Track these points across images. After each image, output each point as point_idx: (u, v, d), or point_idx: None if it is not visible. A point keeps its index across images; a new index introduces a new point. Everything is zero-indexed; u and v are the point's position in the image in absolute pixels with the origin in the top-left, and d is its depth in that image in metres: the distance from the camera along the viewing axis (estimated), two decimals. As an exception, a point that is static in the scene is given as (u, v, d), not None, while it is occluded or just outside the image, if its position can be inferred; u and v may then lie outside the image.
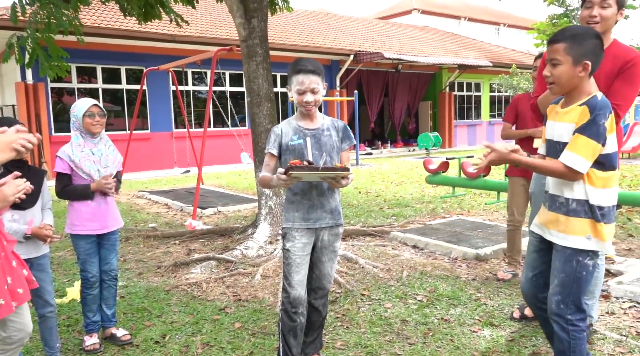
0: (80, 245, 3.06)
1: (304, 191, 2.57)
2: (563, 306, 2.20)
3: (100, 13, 12.52)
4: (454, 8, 36.22)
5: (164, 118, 13.90)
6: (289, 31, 17.03)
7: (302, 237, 2.58)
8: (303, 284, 2.58)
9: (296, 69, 2.50)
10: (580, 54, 2.11)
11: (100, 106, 3.06)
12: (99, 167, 3.04)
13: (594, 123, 2.07)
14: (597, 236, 2.16)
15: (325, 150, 2.57)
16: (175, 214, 7.51)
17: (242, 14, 5.10)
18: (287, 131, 2.59)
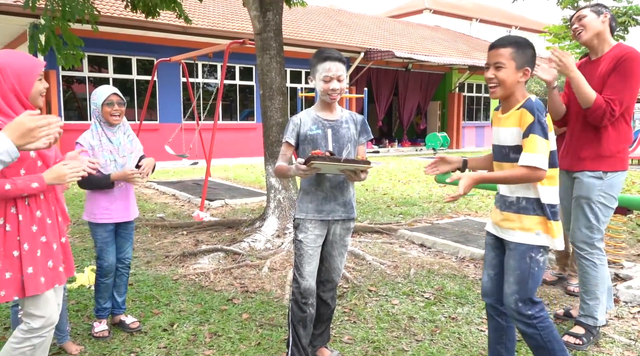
0: (98, 233, 3.05)
1: (319, 182, 2.56)
2: (521, 304, 2.23)
3: (113, 3, 12.55)
4: (466, 9, 36.07)
5: (173, 110, 13.92)
6: (300, 27, 17.01)
7: (315, 229, 2.58)
8: (314, 275, 2.59)
9: (323, 56, 2.49)
10: (523, 60, 2.24)
11: (120, 95, 3.01)
12: (115, 157, 3.00)
13: (538, 122, 2.16)
14: (547, 232, 2.24)
15: (343, 142, 2.57)
16: (182, 205, 7.54)
17: (258, 7, 5.09)
18: (306, 121, 2.58)
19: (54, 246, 2.16)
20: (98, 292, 3.15)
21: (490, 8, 39.52)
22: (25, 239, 2.05)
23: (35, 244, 2.08)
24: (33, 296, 2.07)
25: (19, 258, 2.04)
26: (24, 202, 2.06)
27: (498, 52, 2.23)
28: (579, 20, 3.05)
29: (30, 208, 2.08)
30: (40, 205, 2.12)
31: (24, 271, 2.04)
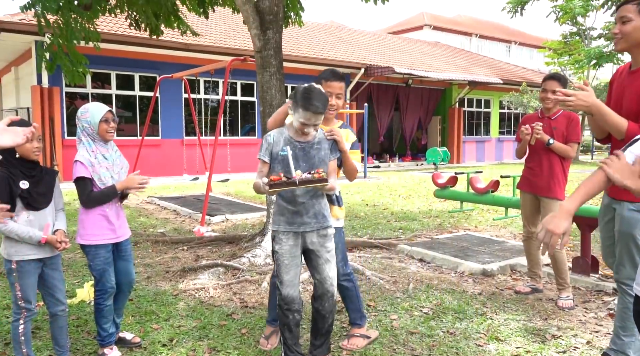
0: (100, 255, 2.94)
1: (288, 197, 2.71)
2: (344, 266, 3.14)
3: (116, 20, 12.72)
4: (465, 25, 36.45)
5: (175, 125, 14.03)
6: (301, 43, 17.20)
7: (288, 239, 2.72)
8: (293, 283, 2.73)
9: (307, 107, 2.53)
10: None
11: (113, 112, 3.01)
12: (112, 173, 2.97)
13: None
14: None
15: (313, 163, 2.68)
16: (183, 221, 7.57)
17: (258, 26, 5.19)
18: (278, 141, 2.70)
19: None
20: (102, 318, 3.01)
21: (490, 24, 39.92)
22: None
23: None
24: None
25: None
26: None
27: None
28: (622, 24, 2.58)
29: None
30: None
31: None
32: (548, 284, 4.36)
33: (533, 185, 3.99)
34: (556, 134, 3.86)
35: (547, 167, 3.88)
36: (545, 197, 3.91)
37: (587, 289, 4.27)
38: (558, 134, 3.86)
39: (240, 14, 5.42)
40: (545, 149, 3.86)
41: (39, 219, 2.73)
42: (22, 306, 2.73)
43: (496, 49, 37.09)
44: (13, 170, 2.62)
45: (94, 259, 2.95)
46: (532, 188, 4.01)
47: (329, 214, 2.80)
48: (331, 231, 2.80)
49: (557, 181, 3.86)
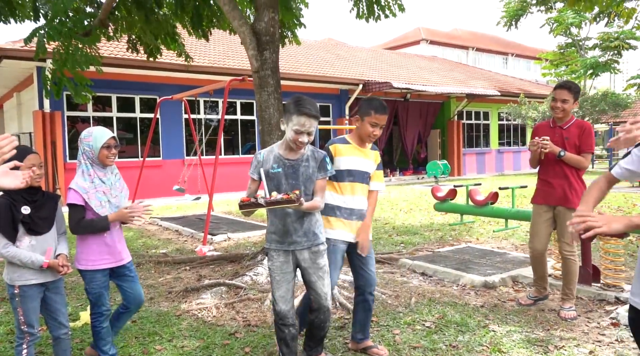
0: (96, 279, 2.94)
1: (279, 216, 2.78)
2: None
3: (116, 44, 12.89)
4: (461, 38, 36.77)
5: (176, 146, 14.13)
6: (299, 61, 17.38)
7: (279, 256, 2.81)
8: (286, 299, 2.79)
9: (300, 110, 2.63)
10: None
11: (116, 138, 3.01)
12: (109, 197, 2.95)
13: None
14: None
15: (302, 180, 2.75)
16: (185, 241, 7.59)
17: (255, 46, 5.27)
18: (268, 159, 2.78)
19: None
20: (102, 340, 3.02)
21: (486, 36, 40.27)
22: None
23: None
24: None
25: None
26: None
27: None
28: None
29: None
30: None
31: None
32: (550, 294, 4.36)
33: (548, 196, 3.92)
34: (568, 145, 3.80)
35: (562, 177, 3.83)
36: (562, 206, 3.84)
37: (589, 299, 4.27)
38: (570, 144, 3.80)
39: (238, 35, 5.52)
40: (558, 160, 3.82)
41: (41, 243, 2.76)
42: (25, 331, 2.75)
43: (493, 61, 37.36)
44: (15, 196, 2.66)
45: (90, 283, 2.96)
46: (547, 199, 3.94)
47: (320, 232, 2.86)
48: (323, 248, 2.86)
49: (574, 190, 3.79)
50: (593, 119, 21.18)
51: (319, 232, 2.85)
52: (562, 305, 3.94)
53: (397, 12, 6.58)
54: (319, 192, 2.80)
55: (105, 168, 2.97)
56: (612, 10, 7.03)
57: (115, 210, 2.96)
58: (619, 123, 26.77)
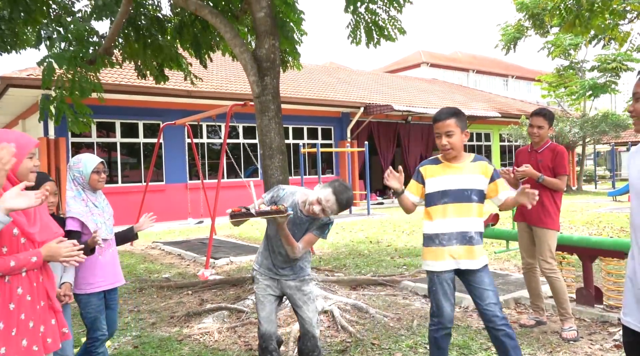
0: (92, 303, 2.98)
1: (273, 248, 2.93)
2: (501, 311, 2.77)
3: (120, 71, 13.13)
4: (462, 61, 37.17)
5: (179, 170, 14.23)
6: (300, 85, 17.60)
7: (265, 279, 2.93)
8: (269, 320, 2.85)
9: (337, 195, 2.74)
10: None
11: (104, 163, 3.13)
12: (104, 220, 3.05)
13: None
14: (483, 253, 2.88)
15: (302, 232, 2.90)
16: (188, 265, 7.60)
17: (256, 72, 5.38)
18: (287, 199, 2.91)
19: (30, 324, 2.08)
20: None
21: (486, 59, 40.69)
22: (1, 319, 1.99)
23: (11, 323, 2.02)
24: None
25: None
26: (3, 280, 2.01)
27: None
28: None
29: (10, 286, 2.03)
30: (21, 282, 2.07)
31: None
32: (553, 316, 4.34)
33: (526, 215, 4.10)
34: (542, 166, 4.01)
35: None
36: (536, 226, 4.03)
37: (592, 321, 4.25)
38: (543, 166, 4.01)
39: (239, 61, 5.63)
40: (535, 185, 3.93)
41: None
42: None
43: (494, 83, 37.68)
44: None
45: (86, 307, 3.00)
46: (525, 218, 4.13)
47: (307, 266, 2.98)
48: (308, 278, 2.98)
49: (546, 212, 3.96)
50: (594, 140, 21.26)
51: (306, 266, 2.98)
52: (562, 326, 3.94)
53: (397, 36, 6.69)
54: (303, 242, 2.88)
55: (95, 193, 3.09)
56: (607, 34, 7.17)
57: (110, 232, 3.08)
58: (620, 144, 26.86)
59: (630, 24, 7.72)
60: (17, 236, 2.06)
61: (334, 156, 17.68)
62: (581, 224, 10.33)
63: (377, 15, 6.47)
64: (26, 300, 2.08)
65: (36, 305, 2.12)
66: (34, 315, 2.11)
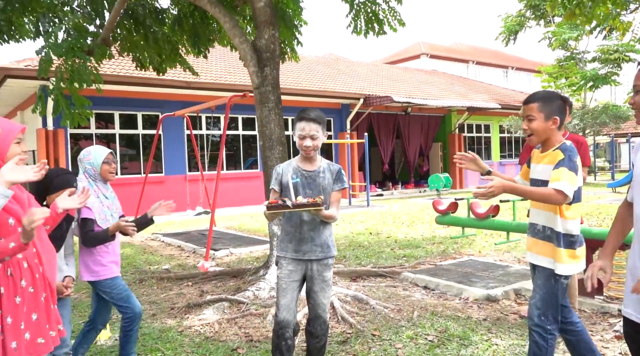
0: (118, 284, 3.11)
1: (296, 225, 2.85)
2: (544, 318, 2.60)
3: (119, 62, 13.05)
4: (462, 52, 37.00)
5: (178, 161, 14.19)
6: (300, 76, 17.52)
7: (289, 265, 2.86)
8: (289, 308, 2.82)
9: (299, 116, 2.81)
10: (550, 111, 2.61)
11: (114, 154, 3.21)
12: (112, 212, 3.15)
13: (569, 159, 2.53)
14: (561, 260, 2.58)
15: (318, 190, 2.84)
16: (188, 256, 7.60)
17: (256, 63, 5.34)
18: (287, 171, 2.88)
19: (33, 317, 2.08)
20: (129, 343, 3.17)
21: (486, 50, 40.50)
22: (8, 313, 1.98)
23: (19, 317, 2.02)
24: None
25: (1, 333, 1.97)
26: (5, 273, 2.00)
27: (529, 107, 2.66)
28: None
29: (13, 279, 2.02)
30: (24, 274, 2.06)
31: (7, 347, 1.96)
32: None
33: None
34: None
35: None
36: None
37: (593, 312, 4.25)
38: None
39: (238, 52, 5.59)
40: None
41: None
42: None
43: (494, 74, 37.52)
44: None
45: (114, 289, 3.10)
46: None
47: (333, 245, 2.93)
48: (332, 262, 2.92)
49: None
50: (594, 131, 21.23)
51: (332, 245, 2.93)
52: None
53: (397, 27, 6.65)
54: (334, 204, 2.89)
55: (106, 184, 3.18)
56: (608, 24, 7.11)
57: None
58: (620, 135, 26.83)
59: (632, 13, 7.67)
60: (13, 226, 2.04)
61: (334, 148, 17.65)
62: (581, 215, 10.33)
63: (377, 5, 6.42)
64: (29, 292, 2.08)
65: (39, 296, 2.11)
66: (37, 308, 2.10)
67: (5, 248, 1.94)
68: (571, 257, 2.60)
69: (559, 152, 2.59)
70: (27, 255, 2.07)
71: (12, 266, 2.01)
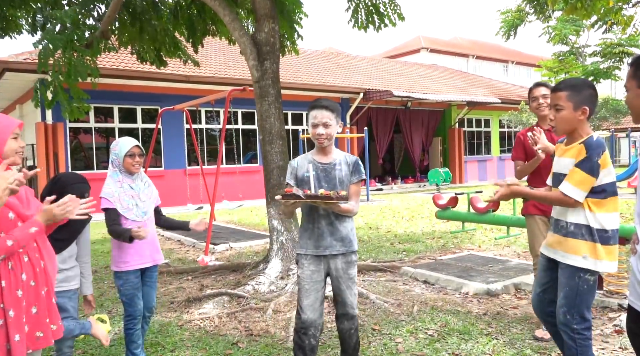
0: (129, 280, 3.11)
1: (315, 219, 2.77)
2: (569, 316, 2.50)
3: (118, 56, 13.00)
4: (462, 46, 36.89)
5: (178, 156, 14.17)
6: (300, 70, 17.46)
7: (310, 264, 2.78)
8: (313, 308, 2.76)
9: (311, 105, 2.78)
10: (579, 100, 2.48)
11: (141, 147, 3.19)
12: (137, 202, 3.15)
13: (589, 160, 2.41)
14: (594, 256, 2.46)
15: (335, 183, 2.77)
16: (188, 251, 7.60)
17: (255, 57, 5.32)
18: (302, 164, 2.83)
19: (33, 311, 2.08)
20: (132, 343, 3.16)
21: (486, 45, 40.37)
22: (10, 306, 1.98)
23: (21, 310, 2.02)
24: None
25: (4, 326, 1.97)
26: (6, 266, 2.00)
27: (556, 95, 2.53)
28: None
29: (14, 272, 2.01)
30: (25, 268, 2.05)
31: (11, 339, 1.96)
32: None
33: (544, 206, 3.61)
34: None
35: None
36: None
37: (592, 306, 4.25)
38: None
39: (238, 45, 5.56)
40: (547, 166, 3.32)
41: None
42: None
43: (493, 69, 37.43)
44: None
45: (124, 284, 3.11)
46: (543, 211, 3.64)
47: (354, 239, 2.86)
48: (355, 258, 2.86)
49: None
50: (594, 126, 21.19)
51: (354, 239, 2.85)
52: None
53: (396, 21, 6.61)
54: (353, 197, 2.81)
55: (132, 175, 3.17)
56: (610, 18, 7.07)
57: (142, 215, 3.15)
58: (619, 130, 26.81)
59: (633, 7, 7.63)
60: (13, 220, 2.03)
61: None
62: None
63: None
64: (30, 286, 2.07)
65: (40, 290, 2.11)
66: (37, 301, 2.09)
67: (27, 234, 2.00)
68: (602, 253, 2.45)
69: (582, 149, 2.44)
70: (28, 249, 2.06)
71: (12, 259, 2.01)
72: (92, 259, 6.93)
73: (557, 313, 2.56)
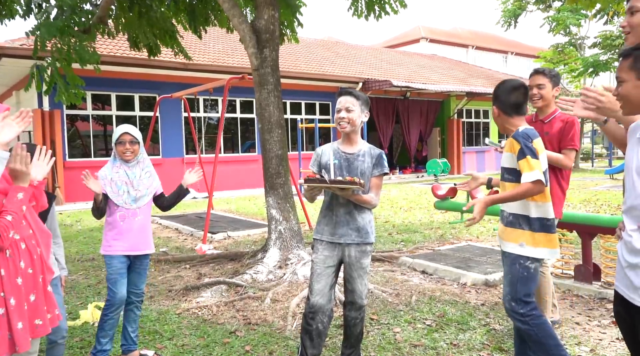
0: (112, 264, 3.10)
1: (334, 207, 2.80)
2: (514, 303, 2.57)
3: (116, 43, 12.88)
4: (461, 37, 36.71)
5: (176, 144, 14.11)
6: (299, 59, 17.36)
7: (324, 250, 2.80)
8: (323, 293, 2.78)
9: (338, 93, 2.84)
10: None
11: (132, 134, 3.10)
12: (129, 189, 3.12)
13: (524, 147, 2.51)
14: (531, 243, 2.56)
15: (356, 173, 2.78)
16: (185, 239, 7.58)
17: (255, 44, 5.26)
18: (327, 152, 2.86)
19: (31, 298, 2.06)
20: (102, 330, 3.10)
21: (486, 35, 40.18)
22: (11, 294, 1.96)
23: (22, 297, 2.00)
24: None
25: (5, 315, 1.95)
26: (4, 255, 1.97)
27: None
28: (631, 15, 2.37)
29: (12, 260, 2.00)
30: (22, 255, 2.04)
31: (13, 327, 1.95)
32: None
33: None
34: (548, 140, 3.31)
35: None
36: None
37: (590, 297, 4.26)
38: (550, 139, 3.35)
39: (237, 32, 5.50)
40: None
41: None
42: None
43: (493, 59, 37.28)
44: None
45: (108, 267, 3.12)
46: None
47: (372, 232, 2.86)
48: (370, 248, 2.86)
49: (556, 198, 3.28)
50: (593, 118, 21.11)
51: (371, 231, 2.86)
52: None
53: (398, 9, 6.55)
54: (374, 189, 2.82)
55: (129, 162, 3.15)
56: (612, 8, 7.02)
57: (133, 202, 3.14)
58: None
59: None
60: None
61: (332, 132, 17.57)
62: (578, 202, 10.35)
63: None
64: (28, 273, 2.06)
65: (38, 278, 2.10)
66: (35, 289, 2.08)
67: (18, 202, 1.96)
68: (540, 241, 2.56)
69: (513, 142, 2.59)
70: (25, 237, 2.05)
71: (10, 247, 1.99)
72: (91, 246, 6.93)
73: (503, 301, 2.66)
